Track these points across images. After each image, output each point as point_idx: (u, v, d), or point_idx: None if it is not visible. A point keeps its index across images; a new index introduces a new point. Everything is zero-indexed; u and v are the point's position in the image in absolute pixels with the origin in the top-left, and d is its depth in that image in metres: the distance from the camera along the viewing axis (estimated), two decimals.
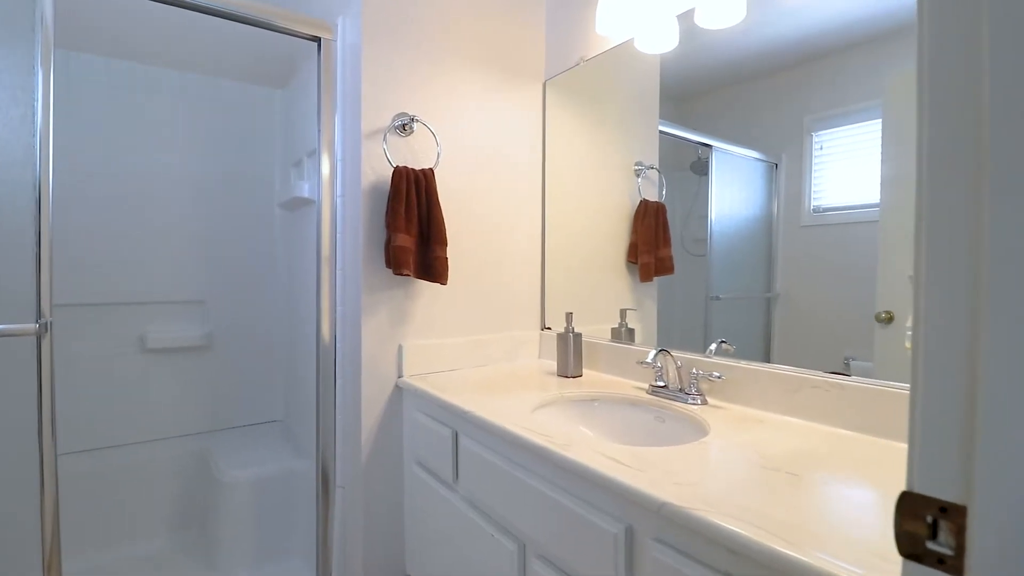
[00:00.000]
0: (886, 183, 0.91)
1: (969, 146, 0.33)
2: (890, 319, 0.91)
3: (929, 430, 0.36)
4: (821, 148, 1.01)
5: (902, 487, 0.36)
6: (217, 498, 1.81)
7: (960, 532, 0.33)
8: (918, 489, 0.36)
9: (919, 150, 0.35)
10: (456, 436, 1.17)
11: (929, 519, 0.35)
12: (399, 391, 1.43)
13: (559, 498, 0.85)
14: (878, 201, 0.93)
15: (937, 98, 0.35)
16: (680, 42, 1.28)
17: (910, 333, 0.69)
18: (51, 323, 1.16)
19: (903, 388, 0.86)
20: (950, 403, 0.34)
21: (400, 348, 1.41)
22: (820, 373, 0.98)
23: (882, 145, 0.92)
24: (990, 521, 0.32)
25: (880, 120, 0.92)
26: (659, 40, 1.32)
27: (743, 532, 0.58)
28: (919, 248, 0.36)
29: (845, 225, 0.98)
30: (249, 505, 1.79)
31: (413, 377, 1.40)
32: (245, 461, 1.89)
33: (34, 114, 1.11)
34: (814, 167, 1.02)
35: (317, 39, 1.40)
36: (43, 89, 1.13)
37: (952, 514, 0.34)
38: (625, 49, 1.42)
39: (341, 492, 1.45)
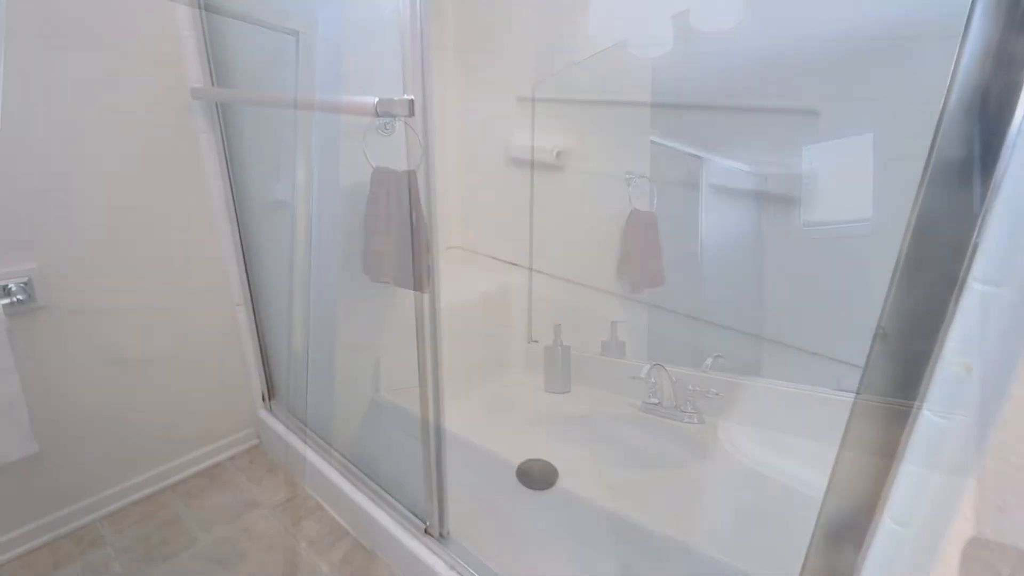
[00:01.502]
0: (879, 197, 0.90)
1: None
2: (884, 335, 0.88)
3: (1002, 464, 0.30)
4: (812, 162, 1.00)
5: (933, 523, 0.30)
6: None
7: None
8: (991, 535, 0.30)
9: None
10: None
11: (1006, 572, 0.29)
12: (376, 407, 1.34)
13: (547, 529, 0.78)
14: (870, 216, 0.92)
15: None
16: (674, 45, 1.24)
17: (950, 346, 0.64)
18: None
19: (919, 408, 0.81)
20: None
21: (377, 361, 1.33)
22: (826, 389, 0.93)
23: (874, 159, 0.91)
24: None
25: (872, 135, 0.91)
26: (653, 42, 1.28)
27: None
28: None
29: (836, 239, 0.97)
30: None
31: (391, 392, 1.31)
32: None
33: None
34: (805, 181, 1.01)
35: (295, 33, 1.33)
36: None
37: None
38: (618, 52, 1.39)
39: None
